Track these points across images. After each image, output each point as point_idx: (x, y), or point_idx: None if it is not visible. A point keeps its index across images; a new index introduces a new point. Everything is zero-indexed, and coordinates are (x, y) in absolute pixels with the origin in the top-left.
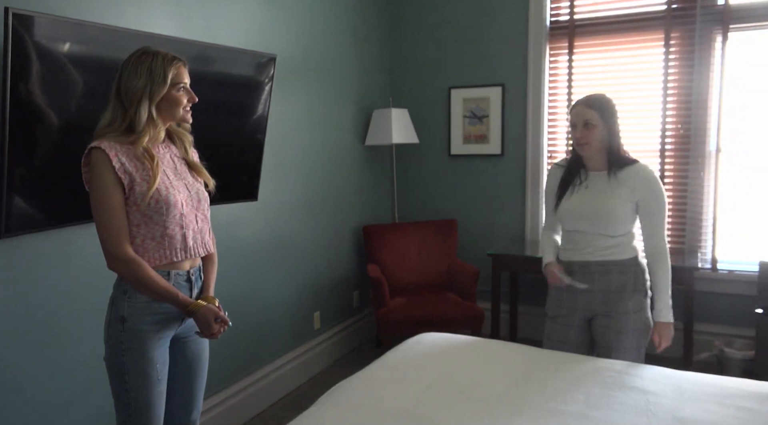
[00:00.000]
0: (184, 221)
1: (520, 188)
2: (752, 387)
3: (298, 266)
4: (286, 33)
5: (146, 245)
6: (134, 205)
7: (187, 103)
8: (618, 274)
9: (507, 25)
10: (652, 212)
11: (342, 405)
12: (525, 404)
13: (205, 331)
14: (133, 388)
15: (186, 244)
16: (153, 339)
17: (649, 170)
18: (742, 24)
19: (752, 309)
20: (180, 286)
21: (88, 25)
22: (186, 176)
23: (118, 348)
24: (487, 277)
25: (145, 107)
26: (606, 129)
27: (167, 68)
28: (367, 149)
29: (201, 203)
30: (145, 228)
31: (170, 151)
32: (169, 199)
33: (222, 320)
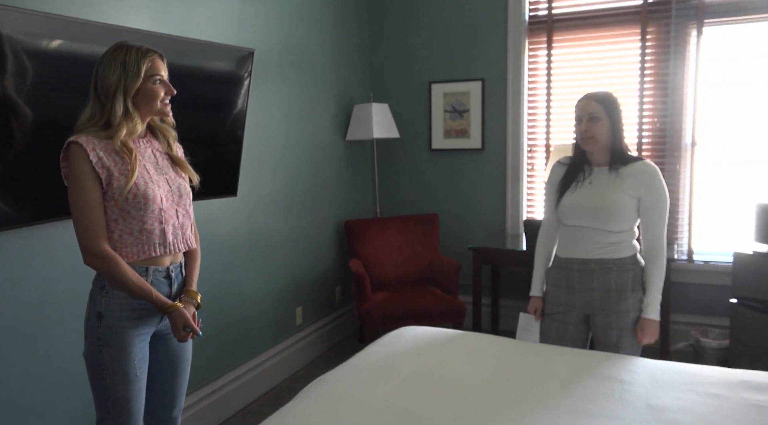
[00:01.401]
0: (164, 216)
1: (500, 182)
2: (724, 374)
3: (280, 261)
4: (264, 27)
5: (124, 240)
6: (112, 199)
7: (165, 96)
8: (617, 272)
9: (486, 19)
10: (653, 210)
11: (322, 398)
12: (502, 395)
13: (174, 334)
14: (111, 384)
15: (165, 239)
16: (131, 335)
17: (654, 168)
18: (716, 19)
19: (727, 299)
20: (159, 282)
21: (63, 19)
22: (168, 171)
23: (96, 343)
24: (468, 271)
25: (120, 100)
26: (610, 124)
27: (141, 61)
28: (348, 143)
29: (182, 198)
30: (123, 223)
31: (152, 146)
32: (148, 193)
33: (191, 329)
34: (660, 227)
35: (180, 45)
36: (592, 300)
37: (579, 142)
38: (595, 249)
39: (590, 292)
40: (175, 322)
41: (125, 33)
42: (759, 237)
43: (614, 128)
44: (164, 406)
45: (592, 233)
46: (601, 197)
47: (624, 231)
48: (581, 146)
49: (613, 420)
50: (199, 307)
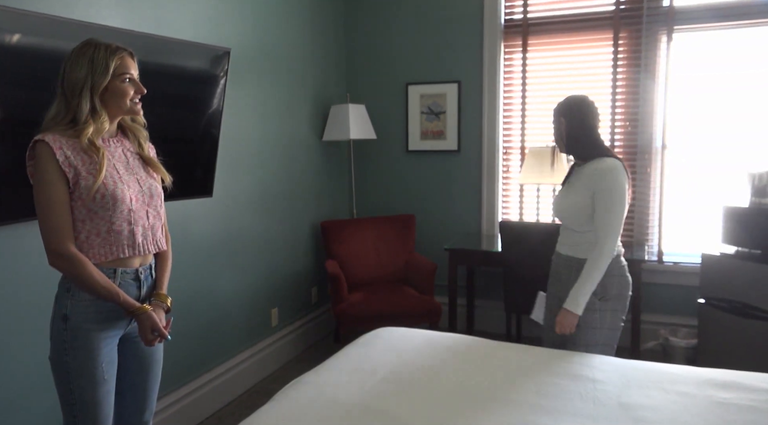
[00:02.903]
0: (133, 217)
1: (476, 183)
2: (692, 373)
3: (255, 262)
4: (240, 26)
5: (91, 241)
6: (79, 199)
7: (135, 94)
8: (577, 271)
9: (463, 22)
10: (598, 206)
11: (298, 400)
12: (477, 394)
13: (142, 338)
14: (77, 388)
15: (134, 240)
16: (98, 338)
17: (607, 165)
18: (685, 25)
19: (695, 299)
20: (127, 284)
21: (33, 15)
22: (138, 171)
23: (62, 346)
24: (444, 271)
25: (87, 98)
26: (567, 126)
27: (109, 59)
28: (324, 144)
29: (153, 199)
30: (90, 224)
31: (123, 146)
32: (116, 194)
33: (160, 333)
34: (603, 223)
35: (154, 43)
36: (563, 294)
37: None
38: (566, 246)
39: (564, 286)
40: (143, 325)
41: (97, 30)
42: (726, 239)
43: (571, 128)
44: (135, 410)
45: (564, 231)
46: (564, 196)
47: (587, 231)
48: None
49: (585, 418)
50: (170, 310)
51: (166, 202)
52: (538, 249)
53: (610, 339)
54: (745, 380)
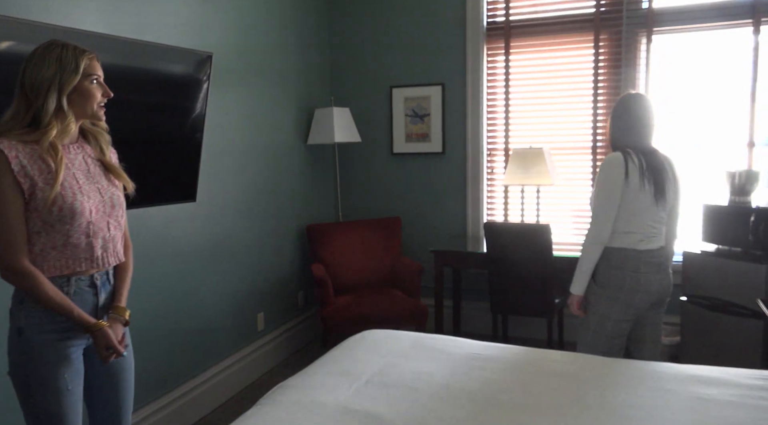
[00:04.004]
0: (92, 230)
1: (461, 185)
2: (674, 370)
3: (241, 267)
4: (222, 31)
5: (46, 254)
6: (35, 211)
7: (102, 98)
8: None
9: (446, 25)
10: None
11: (282, 404)
12: (463, 395)
13: (97, 353)
14: (41, 401)
15: (92, 253)
16: (56, 348)
17: (608, 158)
18: (664, 27)
19: (677, 297)
20: (83, 292)
21: (11, 20)
22: (100, 180)
23: (20, 359)
24: (431, 273)
25: (54, 97)
26: (609, 124)
27: (79, 58)
28: (309, 148)
29: (115, 209)
30: (45, 236)
31: (84, 152)
32: (75, 206)
33: (114, 351)
34: (593, 209)
35: (135, 48)
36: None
37: None
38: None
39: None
40: (98, 342)
41: (77, 35)
42: (706, 237)
43: (612, 128)
44: (110, 422)
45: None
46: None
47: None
48: None
49: (571, 417)
50: (128, 324)
51: (149, 207)
52: (524, 250)
53: (601, 327)
54: (726, 376)
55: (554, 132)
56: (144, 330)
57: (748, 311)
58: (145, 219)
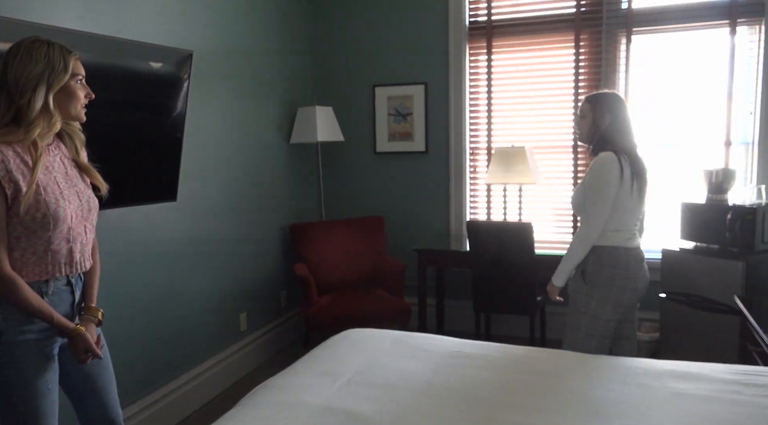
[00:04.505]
0: (72, 235)
1: (444, 184)
2: (652, 365)
3: (222, 267)
4: (203, 29)
5: (26, 259)
6: (16, 216)
7: (85, 98)
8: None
9: (428, 24)
10: (585, 193)
11: (263, 404)
12: (444, 393)
13: (74, 357)
14: (21, 402)
15: (72, 258)
16: (36, 348)
17: (600, 158)
18: (643, 27)
19: (657, 294)
20: (60, 291)
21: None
22: (77, 183)
23: (0, 362)
24: (415, 272)
25: (41, 94)
26: (593, 122)
27: (67, 57)
28: (292, 147)
29: (91, 213)
30: (26, 242)
31: (60, 152)
32: (59, 213)
33: (93, 354)
34: (586, 208)
35: (113, 46)
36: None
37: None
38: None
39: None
40: (76, 347)
41: (54, 32)
42: (684, 235)
43: (595, 124)
44: (103, 414)
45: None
46: (575, 190)
47: None
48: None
49: (550, 413)
50: (101, 324)
51: (128, 207)
52: (506, 248)
53: (592, 328)
54: (703, 371)
55: (536, 131)
56: (125, 331)
57: (726, 308)
58: (125, 219)
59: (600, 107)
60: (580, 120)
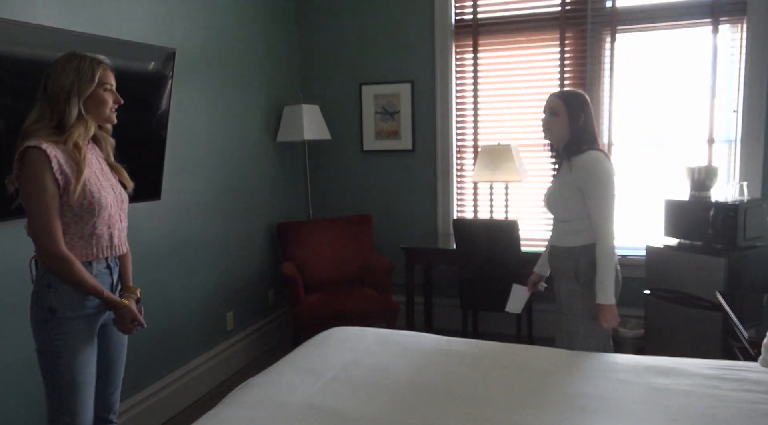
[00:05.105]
0: (111, 221)
1: (431, 182)
2: (633, 361)
3: (209, 265)
4: (187, 27)
5: (74, 243)
6: (66, 204)
7: (113, 104)
8: (563, 259)
9: (414, 22)
10: (590, 199)
11: (245, 403)
12: (427, 390)
13: (121, 328)
14: (67, 370)
15: (112, 242)
16: (84, 324)
17: (594, 158)
18: (628, 26)
19: (642, 291)
20: (102, 273)
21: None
22: (110, 178)
23: (50, 335)
24: (402, 270)
25: (75, 103)
26: (568, 119)
27: (95, 68)
28: (279, 145)
29: (123, 203)
30: (74, 227)
31: (95, 152)
32: (102, 201)
33: (138, 322)
34: (598, 215)
35: (95, 44)
36: (560, 285)
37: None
38: (556, 237)
39: (555, 277)
40: (124, 318)
41: (32, 29)
42: (668, 231)
43: (571, 122)
44: (111, 388)
45: (555, 222)
46: (552, 188)
47: (572, 220)
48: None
49: (531, 408)
50: (139, 301)
51: None
52: (492, 246)
53: (590, 329)
54: (682, 366)
55: (522, 129)
56: None
57: (709, 304)
58: None
59: (575, 106)
60: (550, 117)
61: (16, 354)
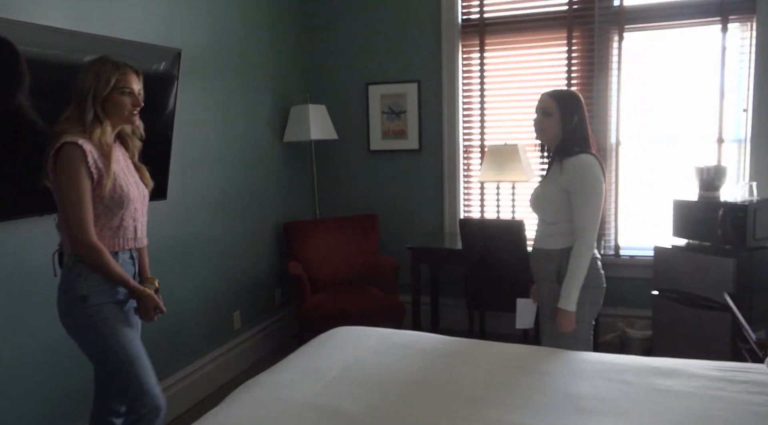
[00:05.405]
0: (136, 215)
1: (438, 182)
2: (637, 362)
3: (215, 265)
4: (193, 27)
5: (103, 234)
6: (98, 197)
7: (132, 107)
8: (545, 262)
9: (421, 22)
10: (575, 202)
11: (246, 402)
12: (427, 389)
13: (143, 315)
14: (120, 349)
15: (136, 234)
16: (116, 308)
17: (584, 161)
18: (635, 25)
19: (649, 292)
20: (126, 263)
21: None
22: (134, 175)
23: (89, 322)
24: (409, 270)
25: (90, 104)
26: (561, 120)
27: (112, 73)
28: (285, 145)
29: (145, 199)
30: (104, 219)
31: (122, 151)
32: (130, 195)
33: (160, 310)
34: (581, 219)
35: (99, 44)
36: (543, 289)
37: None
38: (540, 239)
39: (537, 279)
40: (147, 306)
41: (39, 30)
42: (676, 232)
43: (564, 123)
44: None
45: (539, 224)
46: (539, 189)
47: (557, 223)
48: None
49: (531, 408)
50: (158, 291)
51: None
52: (498, 246)
53: (576, 332)
54: (687, 367)
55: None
56: None
57: (717, 305)
58: None
59: (569, 106)
60: (542, 118)
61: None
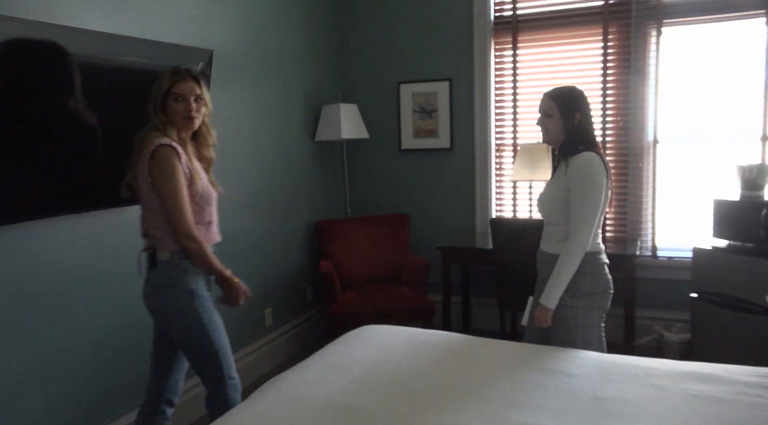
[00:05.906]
0: (215, 212)
1: (469, 181)
2: (670, 367)
3: (248, 263)
4: (226, 28)
5: (198, 229)
6: (191, 195)
7: (186, 113)
8: (549, 265)
9: (453, 19)
10: (572, 199)
11: (271, 399)
12: (452, 390)
13: (233, 302)
14: (217, 340)
15: (217, 230)
16: (210, 300)
17: (586, 159)
18: (674, 19)
19: (687, 294)
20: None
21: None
22: (206, 177)
23: (195, 315)
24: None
25: (153, 111)
26: (563, 120)
27: (165, 80)
28: (317, 144)
29: (216, 199)
30: (198, 215)
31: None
32: (212, 192)
33: (246, 296)
34: (576, 217)
35: (136, 46)
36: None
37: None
38: (545, 241)
39: (542, 281)
40: (237, 292)
41: (78, 34)
42: (717, 233)
43: (565, 123)
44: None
45: (545, 225)
46: (545, 190)
47: (561, 224)
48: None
49: (557, 412)
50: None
51: None
52: (530, 245)
53: (587, 337)
54: (723, 373)
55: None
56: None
57: (760, 308)
58: None
59: (568, 105)
60: (544, 119)
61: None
